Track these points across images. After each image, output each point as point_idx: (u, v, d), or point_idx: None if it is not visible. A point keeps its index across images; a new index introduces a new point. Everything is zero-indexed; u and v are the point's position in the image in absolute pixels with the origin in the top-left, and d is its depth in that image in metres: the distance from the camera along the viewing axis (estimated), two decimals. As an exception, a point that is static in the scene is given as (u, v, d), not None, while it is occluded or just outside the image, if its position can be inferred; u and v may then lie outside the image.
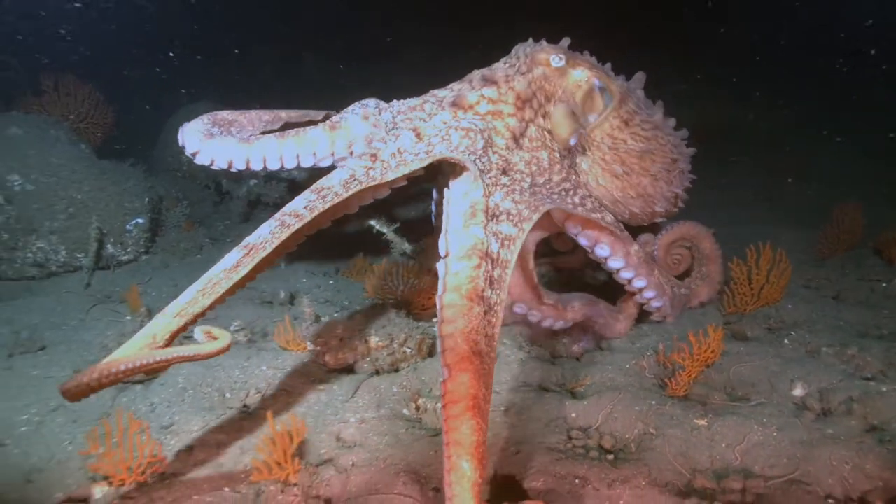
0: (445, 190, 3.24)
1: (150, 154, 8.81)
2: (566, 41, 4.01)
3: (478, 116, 3.53)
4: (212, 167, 3.82)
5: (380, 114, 3.79)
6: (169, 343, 2.65)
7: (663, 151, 4.05)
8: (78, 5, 15.32)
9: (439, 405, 3.49)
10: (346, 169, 3.19)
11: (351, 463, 3.00)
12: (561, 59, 3.80)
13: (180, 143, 3.90)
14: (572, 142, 3.67)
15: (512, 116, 3.57)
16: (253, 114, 4.22)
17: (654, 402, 3.50)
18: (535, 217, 3.18)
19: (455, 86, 3.86)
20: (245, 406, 3.60)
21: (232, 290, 2.83)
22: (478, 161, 3.24)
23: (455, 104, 3.56)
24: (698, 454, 3.10)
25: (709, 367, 3.83)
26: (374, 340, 4.01)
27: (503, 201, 3.18)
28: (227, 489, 2.86)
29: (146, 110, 9.23)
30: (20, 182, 5.87)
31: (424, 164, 3.25)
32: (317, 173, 3.50)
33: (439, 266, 2.89)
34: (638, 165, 3.96)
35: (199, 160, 3.81)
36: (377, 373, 3.90)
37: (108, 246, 5.94)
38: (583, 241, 3.82)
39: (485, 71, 3.82)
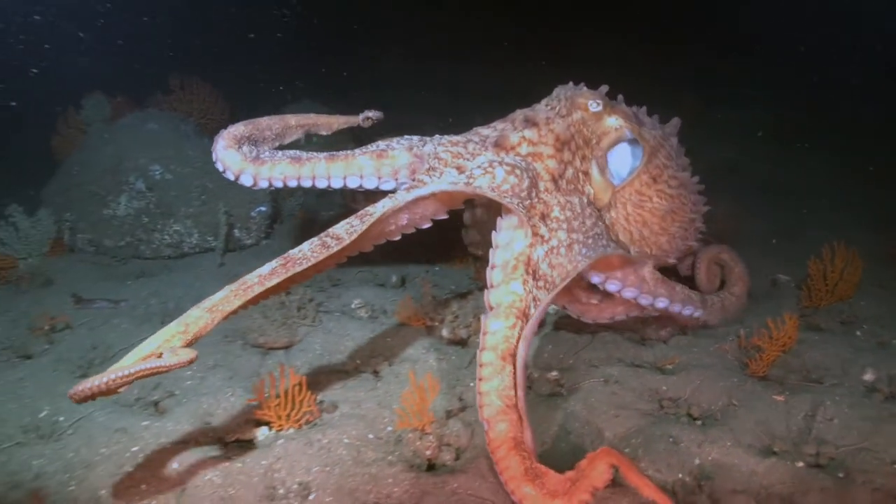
0: (493, 234, 3.39)
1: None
2: (604, 88, 4.05)
3: (519, 157, 3.62)
4: (263, 187, 4.02)
5: (423, 146, 3.89)
6: (196, 338, 2.79)
7: (684, 211, 4.11)
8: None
9: (550, 373, 3.94)
10: (391, 200, 3.34)
11: (474, 419, 3.42)
12: (598, 104, 3.86)
13: (221, 168, 3.99)
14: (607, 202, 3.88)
15: (551, 158, 3.68)
16: (263, 123, 4.23)
17: (736, 380, 3.87)
18: (572, 275, 3.31)
19: (498, 124, 3.96)
20: (375, 371, 4.06)
21: (264, 295, 3.00)
22: (522, 206, 3.35)
23: (498, 144, 3.67)
24: (777, 424, 3.45)
25: (785, 353, 4.15)
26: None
27: (542, 262, 3.35)
28: (370, 435, 3.32)
29: (252, 108, 9.75)
30: (160, 171, 6.45)
31: (467, 191, 3.45)
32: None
33: (482, 320, 3.12)
34: (658, 226, 4.04)
35: (245, 181, 3.93)
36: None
37: (236, 230, 6.46)
38: (594, 279, 3.79)
39: (527, 111, 3.90)
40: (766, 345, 4.03)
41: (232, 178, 3.96)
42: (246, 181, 3.93)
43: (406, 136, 4.03)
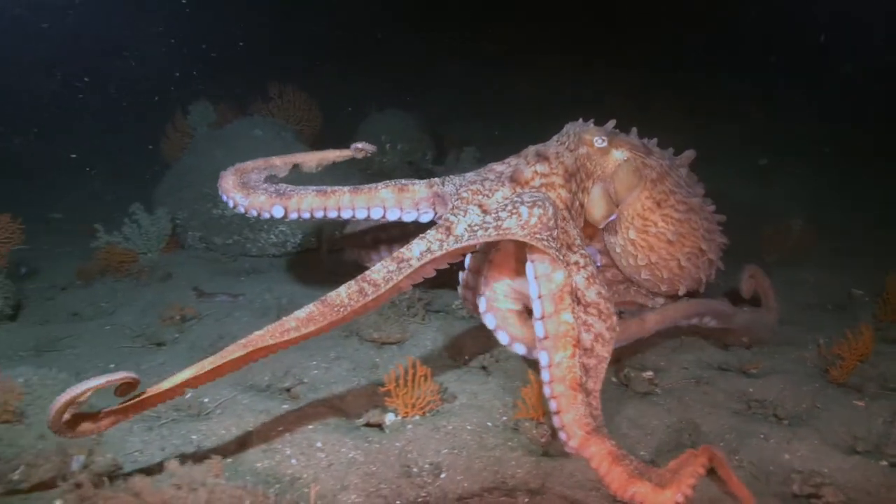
0: (529, 265, 3.40)
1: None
2: (612, 123, 4.13)
3: (534, 190, 3.69)
4: (293, 219, 4.01)
5: (443, 185, 3.93)
6: (229, 372, 2.96)
7: (694, 237, 4.08)
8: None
9: (645, 373, 4.26)
10: (424, 241, 3.34)
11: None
12: (604, 140, 3.92)
13: (242, 204, 4.03)
14: (603, 224, 3.90)
15: (563, 188, 3.75)
16: (249, 166, 4.31)
17: (817, 385, 4.15)
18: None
19: (512, 160, 4.01)
20: (483, 366, 4.39)
21: (302, 339, 2.98)
22: (552, 238, 3.33)
23: (513, 179, 3.72)
24: (859, 426, 3.71)
25: (862, 363, 4.41)
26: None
27: (587, 289, 3.37)
28: (489, 423, 3.65)
29: (336, 117, 10.15)
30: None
31: (497, 239, 3.45)
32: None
33: (541, 354, 3.13)
34: (666, 251, 4.04)
35: (276, 214, 3.94)
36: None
37: (336, 232, 6.83)
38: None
39: (539, 147, 3.96)
40: (845, 353, 4.29)
41: (266, 216, 4.00)
42: (277, 214, 3.94)
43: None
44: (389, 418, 3.71)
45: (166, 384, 2.83)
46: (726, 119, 13.09)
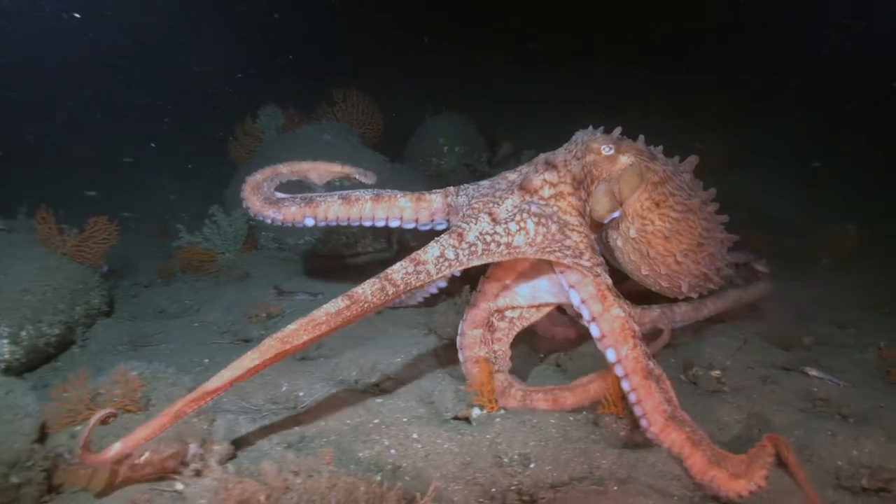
0: (560, 276, 3.80)
1: (400, 157, 10.00)
2: (618, 130, 4.22)
3: (542, 201, 3.85)
4: (319, 227, 4.39)
5: (457, 196, 4.19)
6: (265, 366, 3.16)
7: (691, 234, 4.16)
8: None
9: (713, 371, 4.46)
10: (437, 245, 3.57)
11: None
12: (611, 148, 4.02)
13: (277, 219, 4.39)
14: (607, 219, 4.07)
15: (572, 195, 3.90)
16: (259, 178, 4.59)
17: (879, 385, 4.34)
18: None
19: (524, 168, 4.18)
20: (558, 364, 4.61)
21: (331, 331, 3.24)
22: (565, 250, 3.67)
23: (522, 188, 3.88)
24: (922, 426, 3.92)
25: (920, 365, 4.60)
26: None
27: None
28: (571, 417, 3.86)
29: (398, 119, 10.38)
30: (338, 179, 7.09)
31: (511, 258, 3.71)
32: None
33: (608, 352, 3.54)
34: (663, 247, 4.14)
35: (308, 226, 4.37)
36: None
37: (407, 234, 7.08)
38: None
39: (548, 155, 4.10)
40: (903, 356, 4.48)
41: (300, 225, 4.39)
42: (309, 224, 4.34)
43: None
44: (475, 412, 3.93)
45: (212, 383, 3.06)
46: (778, 120, 13.16)
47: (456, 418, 3.93)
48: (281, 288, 5.99)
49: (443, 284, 4.98)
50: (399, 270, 3.43)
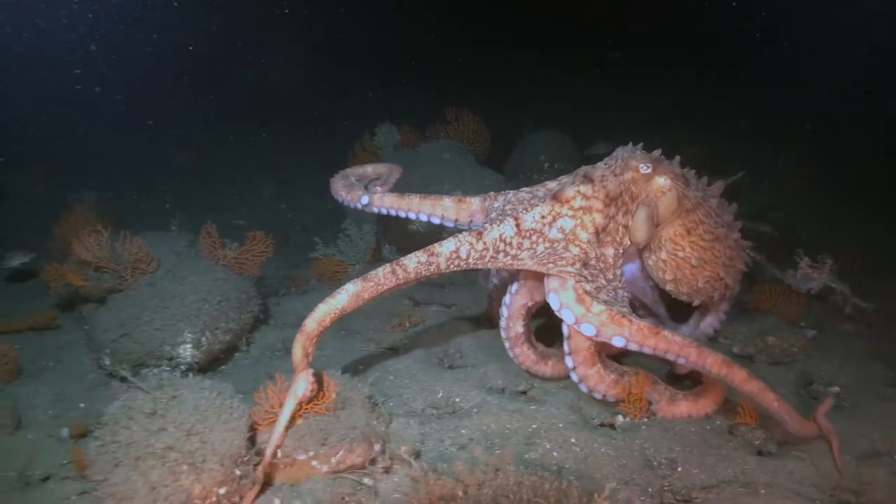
0: (546, 280, 4.04)
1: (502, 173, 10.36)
2: (658, 151, 4.37)
3: (571, 211, 4.04)
4: (374, 212, 5.07)
5: (494, 200, 4.52)
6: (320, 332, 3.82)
7: (714, 265, 4.42)
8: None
9: (832, 388, 4.79)
10: (454, 241, 3.86)
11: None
12: (649, 167, 4.17)
13: (346, 199, 5.15)
14: (643, 244, 4.33)
15: (599, 212, 4.05)
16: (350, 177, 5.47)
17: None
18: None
19: (564, 178, 4.39)
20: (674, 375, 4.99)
21: (359, 305, 3.82)
22: (559, 261, 3.94)
23: (555, 198, 4.05)
24: None
25: None
26: (770, 340, 5.29)
27: (600, 294, 3.90)
28: (708, 427, 4.23)
29: (501, 136, 10.71)
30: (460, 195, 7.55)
31: (517, 266, 4.04)
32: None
33: (615, 340, 3.81)
34: (689, 272, 4.39)
35: (374, 211, 5.05)
36: (775, 363, 5.23)
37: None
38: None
39: (588, 168, 4.27)
40: None
41: (357, 205, 5.10)
42: (364, 202, 5.04)
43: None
44: (619, 419, 4.32)
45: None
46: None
47: (602, 425, 4.31)
48: (416, 299, 6.42)
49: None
50: (413, 259, 3.81)
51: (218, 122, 17.59)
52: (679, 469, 3.81)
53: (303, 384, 3.69)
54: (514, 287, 4.56)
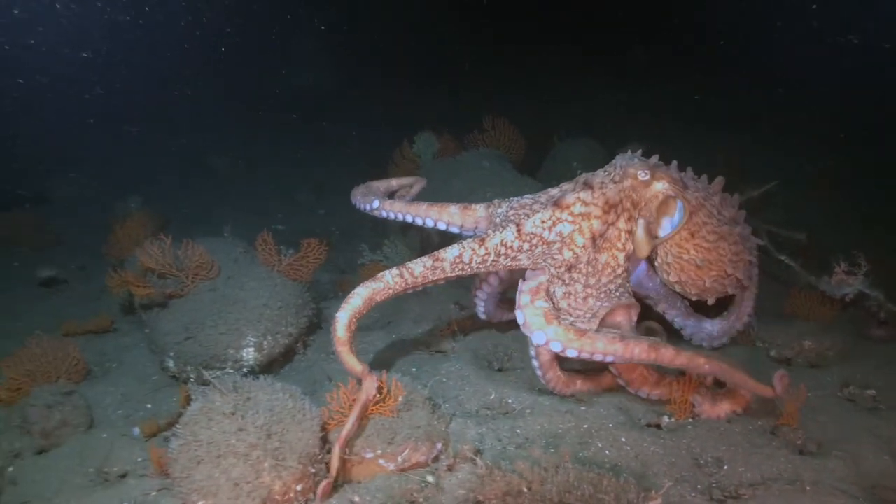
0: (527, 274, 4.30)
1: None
2: (655, 157, 4.51)
3: (571, 216, 4.22)
4: (387, 218, 5.25)
5: (498, 207, 4.65)
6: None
7: (720, 263, 4.48)
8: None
9: (868, 391, 4.96)
10: (458, 246, 4.11)
11: (826, 419, 4.51)
12: (647, 173, 4.29)
13: (366, 203, 5.35)
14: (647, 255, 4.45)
15: (597, 219, 4.21)
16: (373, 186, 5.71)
17: None
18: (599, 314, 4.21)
19: (565, 185, 4.51)
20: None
21: (371, 306, 4.14)
22: (549, 260, 4.19)
23: (556, 204, 4.21)
24: None
25: None
26: (806, 344, 5.48)
27: (561, 300, 4.16)
28: (750, 427, 4.43)
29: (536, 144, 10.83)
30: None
31: (515, 267, 4.28)
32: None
33: (535, 336, 4.07)
34: (695, 274, 4.49)
35: (382, 216, 5.27)
36: (812, 366, 5.44)
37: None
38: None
39: (588, 175, 4.44)
40: None
41: (368, 207, 5.35)
42: (375, 205, 5.29)
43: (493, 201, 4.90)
44: (665, 420, 4.53)
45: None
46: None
47: (648, 425, 4.52)
48: (461, 304, 6.63)
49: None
50: (419, 264, 4.07)
51: (252, 128, 17.81)
52: (725, 467, 4.01)
53: (371, 386, 3.91)
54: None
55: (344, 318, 4.02)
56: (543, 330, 4.03)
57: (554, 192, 4.56)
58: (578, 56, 19.76)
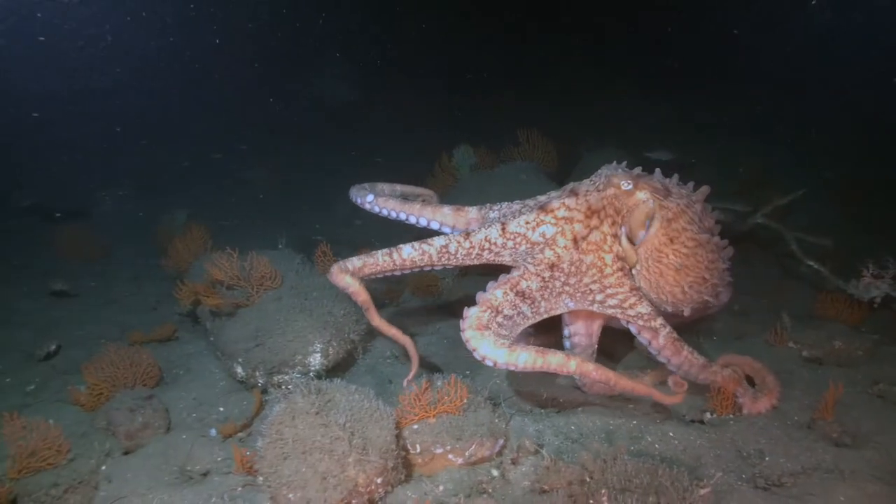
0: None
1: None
2: (638, 169, 4.64)
3: (554, 219, 4.36)
4: (376, 211, 5.34)
5: (490, 210, 4.85)
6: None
7: (697, 268, 4.50)
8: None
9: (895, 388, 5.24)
10: (445, 238, 4.34)
11: (858, 414, 4.80)
12: (629, 183, 4.40)
13: (361, 198, 5.41)
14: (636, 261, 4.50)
15: (579, 223, 4.34)
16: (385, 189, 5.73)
17: None
18: (552, 313, 4.31)
19: (553, 193, 4.67)
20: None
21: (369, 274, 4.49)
22: (529, 258, 4.27)
23: (542, 208, 4.37)
24: None
25: None
26: (836, 345, 5.78)
27: (535, 292, 4.17)
28: (788, 422, 4.73)
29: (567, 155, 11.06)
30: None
31: (498, 262, 4.44)
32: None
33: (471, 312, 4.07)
34: (673, 278, 4.50)
35: (376, 211, 5.34)
36: (841, 366, 5.74)
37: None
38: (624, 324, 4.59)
39: (575, 184, 4.59)
40: None
41: (375, 210, 5.39)
42: (370, 200, 5.35)
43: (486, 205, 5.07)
44: (707, 416, 4.84)
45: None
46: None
47: (692, 421, 4.83)
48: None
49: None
50: (408, 247, 4.38)
51: (288, 139, 18.13)
52: (767, 458, 4.29)
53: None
54: (568, 330, 4.93)
55: (342, 262, 4.48)
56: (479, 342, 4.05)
57: (542, 198, 4.73)
58: (606, 66, 19.95)
